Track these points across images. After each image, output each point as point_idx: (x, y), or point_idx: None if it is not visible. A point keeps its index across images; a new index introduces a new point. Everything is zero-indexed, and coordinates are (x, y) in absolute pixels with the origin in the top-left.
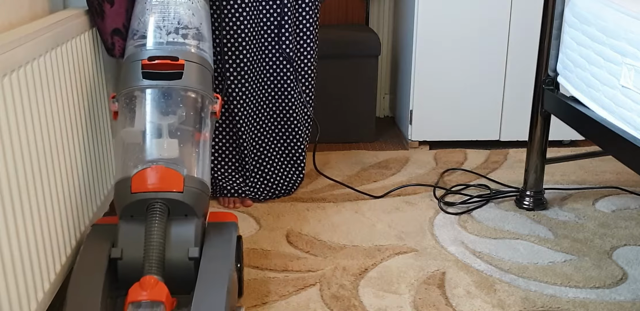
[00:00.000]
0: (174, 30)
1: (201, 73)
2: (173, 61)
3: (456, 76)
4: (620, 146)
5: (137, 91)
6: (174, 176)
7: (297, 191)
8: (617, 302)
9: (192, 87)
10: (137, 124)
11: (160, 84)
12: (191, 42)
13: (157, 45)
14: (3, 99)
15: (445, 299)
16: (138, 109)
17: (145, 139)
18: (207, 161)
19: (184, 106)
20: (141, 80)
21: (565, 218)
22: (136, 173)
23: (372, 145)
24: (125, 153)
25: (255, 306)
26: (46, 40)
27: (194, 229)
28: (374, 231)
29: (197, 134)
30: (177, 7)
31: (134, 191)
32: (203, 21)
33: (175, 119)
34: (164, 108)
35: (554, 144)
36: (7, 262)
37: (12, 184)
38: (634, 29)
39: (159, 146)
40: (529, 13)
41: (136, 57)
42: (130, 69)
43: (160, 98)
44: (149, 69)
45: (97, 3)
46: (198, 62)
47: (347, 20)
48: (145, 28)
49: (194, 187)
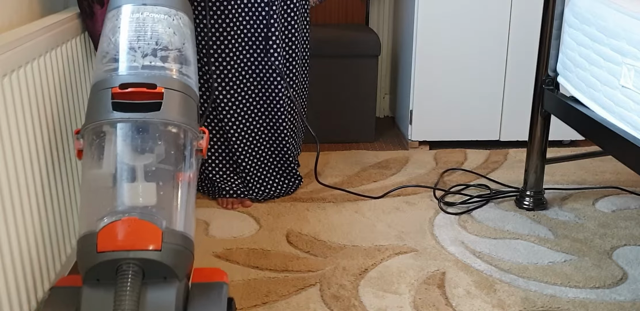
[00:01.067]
0: (151, 52)
1: (184, 103)
2: (150, 88)
3: (456, 76)
4: (620, 146)
5: (106, 125)
6: (150, 231)
7: (297, 191)
8: (617, 302)
9: (172, 121)
10: (105, 165)
11: (134, 117)
12: (172, 66)
13: (130, 70)
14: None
15: (445, 299)
16: (107, 148)
17: (116, 184)
18: (191, 208)
19: (163, 143)
20: (111, 112)
21: (565, 218)
22: (104, 227)
23: (372, 145)
24: (92, 201)
25: (255, 306)
26: (45, 41)
27: (175, 295)
28: (374, 231)
29: (179, 176)
30: (155, 25)
31: (101, 250)
32: (186, 41)
33: (153, 159)
34: (139, 146)
35: (554, 144)
36: None
37: None
38: (634, 29)
39: (133, 192)
40: (529, 13)
41: (105, 85)
42: (98, 98)
43: (134, 134)
44: (121, 98)
45: (87, 4)
46: (180, 90)
47: (347, 20)
48: (116, 49)
49: (174, 243)
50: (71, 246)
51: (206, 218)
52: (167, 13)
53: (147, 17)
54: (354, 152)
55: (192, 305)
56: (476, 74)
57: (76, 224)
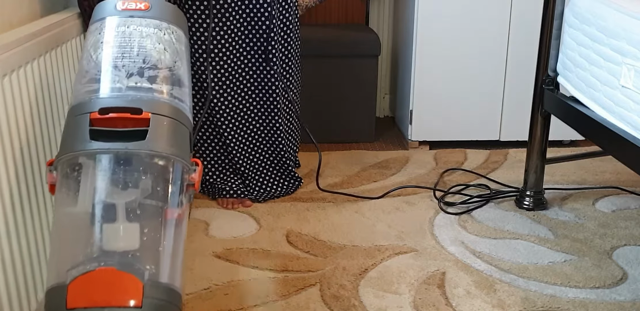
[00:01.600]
0: (138, 71)
1: (174, 131)
2: (134, 114)
3: (456, 76)
4: (620, 146)
5: (82, 156)
6: (130, 283)
7: (297, 191)
8: (617, 302)
9: (160, 152)
10: (81, 203)
11: (115, 147)
12: (161, 88)
13: (113, 93)
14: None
15: (445, 299)
16: (84, 182)
17: (93, 225)
18: (180, 253)
19: (148, 178)
20: (88, 142)
21: (565, 218)
22: (75, 279)
23: (372, 145)
24: (63, 246)
25: (255, 306)
26: (45, 41)
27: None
28: (374, 231)
29: (167, 215)
30: (143, 40)
31: (71, 306)
32: (179, 59)
33: (136, 196)
34: (121, 181)
35: (554, 144)
36: None
37: None
38: (634, 29)
39: (112, 234)
40: (529, 13)
41: (83, 109)
42: (74, 125)
43: (115, 167)
44: (101, 125)
45: (88, 5)
46: (170, 115)
47: (347, 20)
48: (98, 68)
49: (158, 298)
50: (42, 292)
51: (206, 218)
52: (157, 26)
53: (133, 31)
54: (354, 152)
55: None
56: (476, 74)
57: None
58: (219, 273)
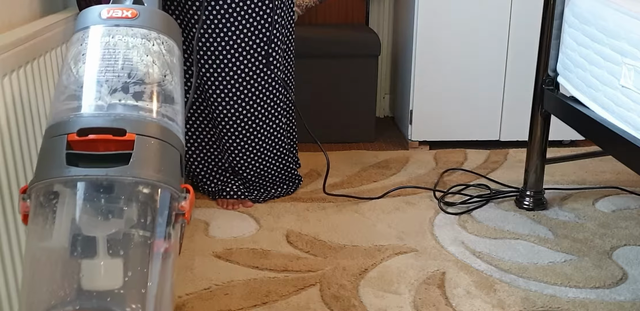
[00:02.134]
0: (122, 86)
1: (162, 154)
2: (117, 135)
3: (456, 76)
4: (620, 146)
5: (58, 184)
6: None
7: (297, 191)
8: (617, 302)
9: (145, 179)
10: (56, 236)
11: (95, 173)
12: (148, 106)
13: (94, 111)
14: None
15: (445, 299)
16: (60, 212)
17: (69, 262)
18: (167, 290)
19: (132, 207)
20: (65, 167)
21: (565, 218)
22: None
23: (372, 145)
24: (36, 285)
25: (255, 306)
26: (46, 40)
27: None
28: (374, 231)
29: (154, 248)
30: (129, 52)
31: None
32: (170, 73)
33: (119, 228)
34: (102, 211)
35: (554, 144)
36: None
37: None
38: (634, 29)
39: (92, 272)
40: (529, 13)
41: (60, 130)
42: (50, 147)
43: (95, 195)
44: (79, 149)
45: (85, 5)
46: (158, 136)
47: (347, 20)
48: (78, 83)
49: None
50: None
51: (206, 218)
52: (145, 36)
53: (119, 41)
54: (354, 152)
55: None
56: (476, 74)
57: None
58: (219, 273)
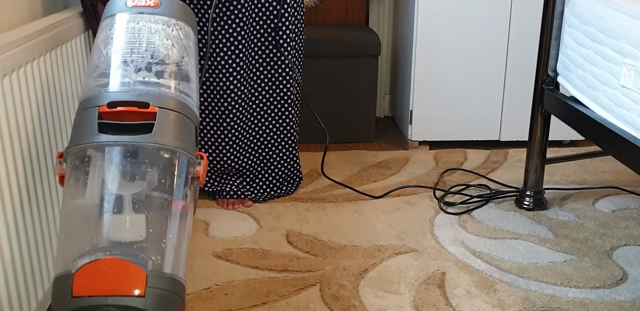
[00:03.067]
0: (146, 66)
1: (180, 125)
2: (141, 108)
3: (456, 76)
4: (620, 146)
5: (90, 149)
6: (134, 273)
7: (297, 191)
8: (617, 302)
9: (166, 145)
10: (89, 194)
11: (123, 140)
12: (168, 83)
13: (121, 87)
14: (3, 99)
15: (445, 299)
16: (92, 174)
17: (99, 216)
18: (184, 244)
19: (154, 170)
20: (97, 134)
21: (565, 218)
22: (81, 268)
23: (372, 145)
24: (71, 236)
25: (255, 306)
26: (46, 40)
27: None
28: (374, 231)
29: (173, 207)
30: (152, 36)
31: (76, 295)
32: (188, 54)
33: (143, 188)
34: (128, 173)
35: (554, 144)
36: None
37: None
38: (634, 29)
39: (118, 225)
40: (529, 13)
41: (92, 103)
42: (84, 118)
43: (122, 159)
44: (109, 119)
45: (91, 4)
46: (176, 109)
47: (347, 20)
48: (107, 63)
49: (161, 288)
50: (49, 281)
51: (206, 218)
52: (165, 23)
53: (143, 27)
54: (354, 152)
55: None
56: (476, 74)
57: (53, 256)
58: (219, 273)
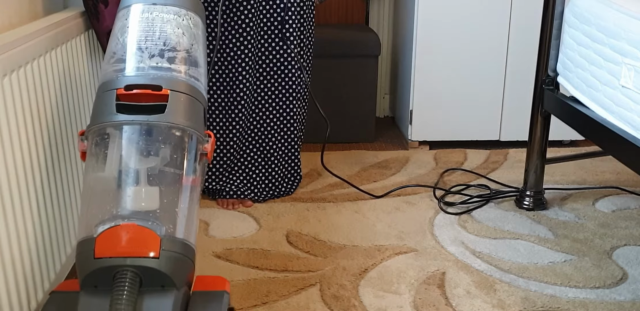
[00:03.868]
0: (159, 52)
1: (190, 106)
2: (155, 90)
3: (456, 76)
4: (620, 146)
5: (109, 127)
6: (149, 237)
7: (297, 191)
8: (617, 302)
9: (177, 124)
10: (109, 168)
11: (139, 119)
12: (179, 68)
13: (137, 71)
14: (3, 99)
15: (445, 299)
16: (111, 150)
17: (118, 188)
18: (194, 213)
19: (167, 147)
20: (115, 114)
21: (565, 218)
22: (102, 233)
23: (372, 145)
24: (92, 205)
25: (255, 306)
26: (46, 40)
27: (172, 304)
28: (374, 231)
29: (184, 180)
30: (164, 25)
31: (98, 256)
32: (196, 42)
33: (157, 163)
34: (143, 149)
35: (554, 144)
36: None
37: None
38: (634, 29)
39: (135, 196)
40: (529, 13)
41: (110, 86)
42: (103, 99)
43: (138, 137)
44: (126, 100)
45: (92, 4)
46: (187, 92)
47: (347, 20)
48: (124, 50)
49: (174, 251)
50: (71, 246)
51: (206, 218)
52: (176, 13)
53: (156, 17)
54: (354, 152)
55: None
56: (476, 74)
57: (75, 224)
58: (218, 273)
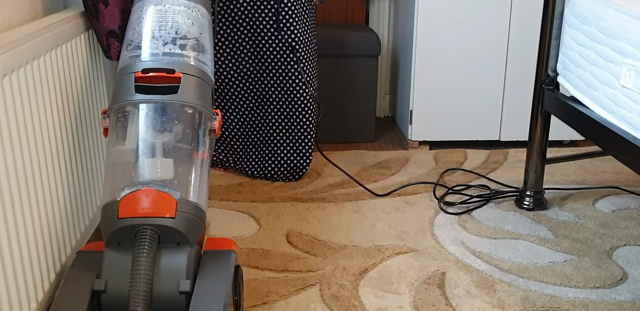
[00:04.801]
0: (171, 40)
1: (199, 87)
2: (169, 73)
3: (456, 76)
4: (620, 146)
5: (129, 106)
6: (166, 200)
7: (297, 191)
8: (617, 302)
9: (188, 103)
10: (128, 142)
11: (154, 98)
12: (189, 54)
13: (152, 57)
14: (3, 99)
15: (445, 299)
16: (130, 126)
17: (137, 159)
18: (204, 182)
19: (180, 123)
20: (134, 94)
21: (565, 218)
22: (124, 196)
23: (372, 145)
24: (115, 174)
25: (255, 306)
26: (46, 40)
27: (186, 259)
28: (374, 231)
29: (195, 153)
30: (176, 16)
31: (122, 216)
32: (204, 31)
33: (171, 137)
34: (159, 125)
35: (554, 144)
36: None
37: None
38: (634, 29)
39: (152, 166)
40: (529, 13)
41: (129, 69)
42: (122, 82)
43: (154, 114)
44: (143, 82)
45: (92, 4)
46: (196, 75)
47: (347, 20)
48: (140, 38)
49: (187, 212)
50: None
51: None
52: (186, 6)
53: (168, 9)
54: (354, 152)
55: (203, 269)
56: (476, 74)
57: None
58: None
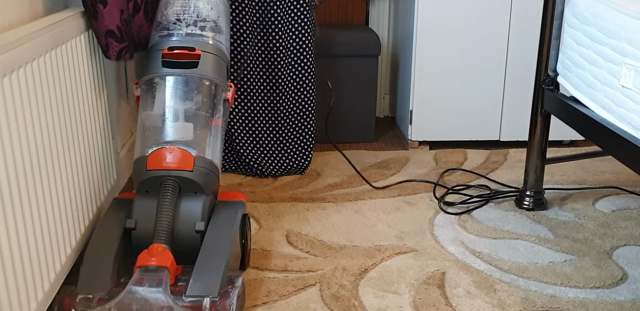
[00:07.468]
0: (193, 22)
1: (216, 63)
2: (190, 51)
3: (456, 76)
4: (620, 146)
5: (157, 78)
6: (186, 156)
7: (297, 191)
8: (617, 302)
9: (206, 76)
10: (156, 108)
11: (178, 72)
12: (208, 34)
13: (177, 37)
14: (3, 99)
15: (445, 299)
16: (158, 95)
17: (163, 122)
18: (218, 144)
19: (199, 93)
20: (161, 68)
21: (565, 218)
22: (152, 153)
23: (372, 145)
24: (145, 134)
25: (255, 306)
26: (46, 40)
27: (202, 205)
28: (374, 231)
29: (211, 119)
30: (197, 2)
31: (149, 169)
32: (221, 15)
33: (192, 105)
34: (181, 94)
35: (554, 144)
36: (13, 254)
37: (19, 181)
38: (634, 29)
39: (176, 128)
40: (529, 13)
41: (158, 47)
42: (152, 57)
43: (178, 85)
44: (169, 58)
45: (91, 4)
46: (214, 52)
47: (347, 20)
48: (167, 20)
49: (203, 167)
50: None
51: None
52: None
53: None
54: (354, 152)
55: (216, 214)
56: (476, 74)
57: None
58: None
